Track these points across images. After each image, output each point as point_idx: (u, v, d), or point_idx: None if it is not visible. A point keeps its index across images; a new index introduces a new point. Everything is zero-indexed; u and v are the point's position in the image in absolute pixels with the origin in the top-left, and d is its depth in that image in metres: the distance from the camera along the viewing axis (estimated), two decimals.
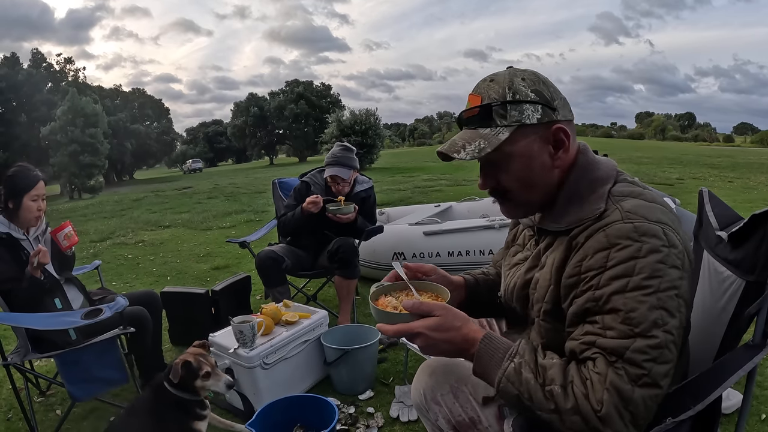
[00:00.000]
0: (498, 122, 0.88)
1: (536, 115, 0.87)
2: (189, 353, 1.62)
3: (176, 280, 4.42)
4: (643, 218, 0.80)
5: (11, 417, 2.22)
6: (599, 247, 0.80)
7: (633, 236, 0.78)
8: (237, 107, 50.87)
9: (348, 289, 2.74)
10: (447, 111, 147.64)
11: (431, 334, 0.84)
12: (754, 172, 12.81)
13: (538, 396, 0.78)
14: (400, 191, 10.03)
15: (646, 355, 0.74)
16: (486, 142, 0.88)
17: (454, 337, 0.85)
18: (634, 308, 0.75)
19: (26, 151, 30.52)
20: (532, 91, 0.88)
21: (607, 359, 0.75)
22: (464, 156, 0.88)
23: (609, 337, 0.76)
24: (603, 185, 0.88)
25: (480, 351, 0.84)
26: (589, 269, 0.80)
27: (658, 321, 0.74)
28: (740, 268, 0.95)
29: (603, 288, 0.78)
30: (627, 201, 0.84)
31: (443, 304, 0.88)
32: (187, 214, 8.88)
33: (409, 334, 0.85)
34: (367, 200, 2.95)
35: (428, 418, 1.17)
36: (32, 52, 38.43)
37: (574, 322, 0.83)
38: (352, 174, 2.86)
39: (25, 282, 1.95)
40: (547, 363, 0.80)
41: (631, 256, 0.77)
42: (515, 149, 0.88)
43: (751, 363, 0.82)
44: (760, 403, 1.94)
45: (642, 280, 0.75)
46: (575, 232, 0.85)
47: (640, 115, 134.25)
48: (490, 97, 0.88)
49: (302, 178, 3.02)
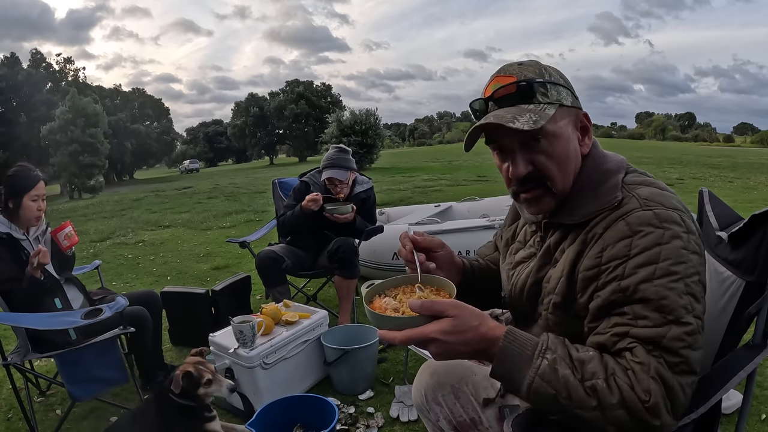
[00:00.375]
0: (540, 99, 0.85)
1: (569, 99, 0.87)
2: (188, 363, 1.63)
3: (176, 280, 4.42)
4: (660, 204, 0.79)
5: (11, 417, 2.22)
6: (621, 235, 0.78)
7: (654, 222, 0.76)
8: (237, 107, 50.88)
9: (348, 289, 2.74)
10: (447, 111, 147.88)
11: (447, 339, 0.74)
12: (754, 172, 12.82)
13: (578, 393, 0.71)
14: (400, 191, 10.03)
15: (683, 342, 0.72)
16: (537, 116, 0.82)
17: (471, 338, 0.75)
18: (665, 296, 0.73)
19: (26, 151, 30.51)
20: (561, 77, 0.89)
21: (646, 348, 0.72)
22: (520, 126, 0.80)
23: (642, 326, 0.73)
24: (614, 175, 0.87)
25: (503, 350, 0.75)
26: (612, 259, 0.78)
27: (687, 307, 0.73)
28: (740, 268, 0.95)
29: (629, 277, 0.75)
30: (642, 189, 0.82)
31: (456, 302, 0.77)
32: (187, 214, 8.88)
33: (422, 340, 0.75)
34: (367, 201, 2.95)
35: (429, 419, 1.17)
36: (31, 52, 38.46)
37: (598, 315, 0.79)
38: (350, 175, 2.85)
39: (25, 282, 1.95)
40: (584, 356, 0.74)
41: (655, 242, 0.75)
42: (557, 129, 0.85)
43: (752, 364, 0.82)
44: (760, 403, 1.94)
45: (669, 266, 0.74)
46: (592, 224, 0.83)
47: (640, 115, 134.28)
48: (527, 76, 0.85)
49: (302, 178, 3.02)
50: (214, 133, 64.49)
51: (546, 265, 0.92)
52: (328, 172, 2.80)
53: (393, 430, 1.93)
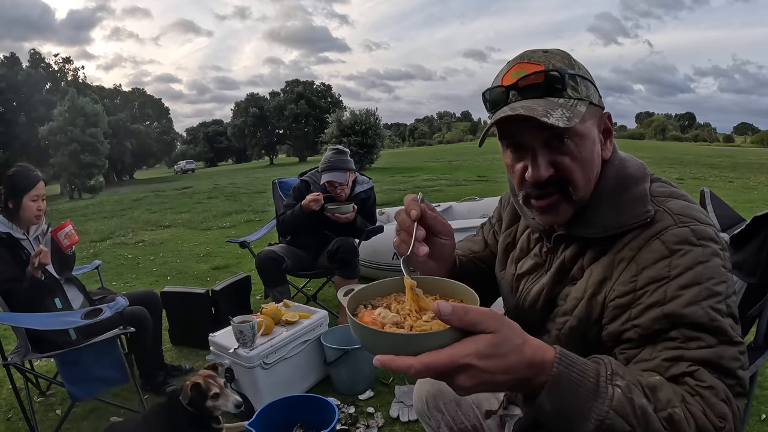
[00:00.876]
0: (570, 94, 0.74)
1: (596, 96, 0.78)
2: (199, 375, 1.69)
3: (176, 280, 4.42)
4: (696, 220, 0.72)
5: (11, 417, 2.22)
6: (658, 256, 0.70)
7: (692, 240, 0.70)
8: (237, 107, 50.90)
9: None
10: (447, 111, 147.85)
11: (484, 365, 0.53)
12: (754, 172, 12.82)
13: (655, 426, 0.59)
14: (400, 191, 10.03)
15: (738, 362, 0.66)
16: (570, 112, 0.72)
17: (515, 364, 0.55)
18: (714, 317, 0.66)
19: (26, 151, 30.52)
20: (587, 72, 0.79)
21: (709, 371, 0.65)
22: (555, 121, 0.69)
23: (695, 348, 0.66)
24: (638, 184, 0.78)
25: (559, 377, 0.57)
26: (650, 282, 0.70)
27: (733, 327, 0.68)
28: (742, 270, 0.94)
29: (673, 301, 0.68)
30: (672, 202, 0.75)
31: (494, 312, 0.56)
32: (187, 214, 8.88)
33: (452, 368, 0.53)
34: (367, 201, 2.94)
35: (430, 425, 1.16)
36: (30, 52, 38.48)
37: (638, 344, 0.70)
38: (349, 176, 2.84)
39: (25, 282, 1.95)
40: (654, 381, 0.63)
41: (696, 261, 0.69)
42: (584, 128, 0.75)
43: (754, 366, 0.82)
44: (760, 403, 1.94)
45: (713, 286, 0.68)
46: (619, 245, 0.75)
47: (640, 115, 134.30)
48: (555, 66, 0.74)
49: (302, 177, 3.02)
50: (214, 133, 64.51)
51: (561, 282, 0.83)
52: (327, 176, 2.79)
53: (393, 430, 1.93)
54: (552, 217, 0.80)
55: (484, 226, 1.14)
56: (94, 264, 2.75)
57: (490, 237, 1.11)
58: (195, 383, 1.63)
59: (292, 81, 50.41)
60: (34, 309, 1.97)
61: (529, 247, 0.94)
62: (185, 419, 1.62)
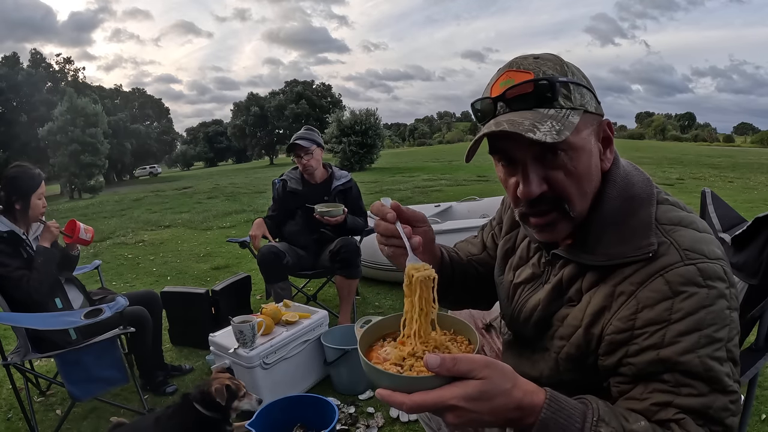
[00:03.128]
0: (562, 103, 0.69)
1: (593, 103, 0.72)
2: (222, 378, 1.69)
3: (176, 280, 4.42)
4: (704, 257, 0.68)
5: (11, 417, 2.22)
6: (660, 297, 0.67)
7: (698, 281, 0.66)
8: (237, 107, 50.91)
9: (349, 289, 2.74)
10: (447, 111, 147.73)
11: (471, 407, 0.58)
12: (755, 172, 12.81)
13: None
14: (401, 191, 10.03)
15: (728, 412, 0.66)
16: (560, 124, 0.67)
17: (502, 405, 0.59)
18: (710, 367, 0.65)
19: (26, 151, 30.52)
20: (583, 77, 0.73)
21: (696, 422, 0.65)
22: (541, 137, 0.65)
23: (686, 395, 0.65)
24: (643, 207, 0.74)
25: (546, 421, 0.61)
26: (649, 324, 0.67)
27: (730, 374, 0.66)
28: (743, 271, 0.94)
29: (670, 347, 0.66)
30: (680, 233, 0.71)
31: (486, 359, 0.60)
32: (187, 214, 8.88)
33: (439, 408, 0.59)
34: (349, 192, 2.94)
35: (430, 426, 1.15)
36: (31, 51, 38.49)
37: (631, 380, 0.70)
38: (316, 149, 2.87)
39: (38, 258, 2.00)
40: (639, 428, 0.64)
41: (699, 306, 0.66)
42: (579, 140, 0.70)
43: (755, 368, 0.82)
44: (760, 403, 1.94)
45: (713, 333, 0.65)
46: (620, 276, 0.71)
47: (640, 115, 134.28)
48: (546, 74, 0.70)
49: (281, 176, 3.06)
50: (214, 133, 64.46)
51: (557, 301, 0.81)
52: (293, 141, 2.85)
53: (393, 430, 1.93)
54: (550, 234, 0.77)
55: (485, 228, 1.13)
56: (94, 264, 2.75)
57: (489, 240, 1.10)
58: (227, 385, 1.64)
59: (292, 81, 50.49)
60: (35, 308, 1.97)
61: (528, 256, 0.91)
62: (198, 421, 1.62)
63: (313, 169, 2.87)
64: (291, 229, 2.90)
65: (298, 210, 2.87)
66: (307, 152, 2.83)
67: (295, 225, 2.89)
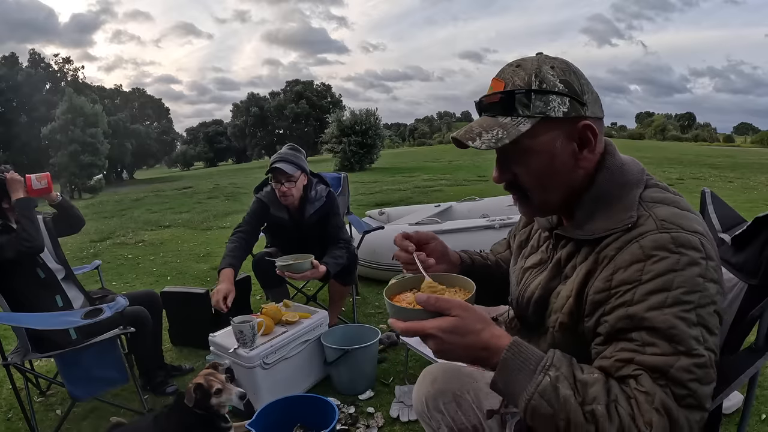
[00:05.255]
0: (520, 112, 0.79)
1: (563, 108, 0.79)
2: (200, 375, 1.69)
3: (176, 280, 4.42)
4: (680, 228, 0.73)
5: (11, 417, 2.22)
6: (633, 259, 0.73)
7: (670, 247, 0.71)
8: (237, 107, 50.96)
9: (341, 294, 2.74)
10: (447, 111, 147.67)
11: (445, 337, 0.72)
12: (755, 172, 12.81)
13: (577, 417, 0.67)
14: (401, 191, 10.03)
15: (692, 375, 0.67)
16: (504, 132, 0.79)
17: (472, 343, 0.73)
18: (674, 325, 0.68)
19: (26, 150, 30.54)
20: (561, 81, 0.79)
21: (651, 376, 0.68)
22: (478, 145, 0.79)
23: (650, 354, 0.69)
24: (632, 190, 0.81)
25: (505, 361, 0.72)
26: (622, 283, 0.73)
27: (699, 338, 0.68)
28: (743, 271, 0.94)
29: (638, 304, 0.71)
30: (660, 208, 0.77)
31: (463, 303, 0.74)
32: (187, 214, 8.88)
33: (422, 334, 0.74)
34: (326, 220, 2.57)
35: (430, 425, 1.16)
36: (30, 51, 38.53)
37: (605, 340, 0.75)
38: (300, 175, 2.49)
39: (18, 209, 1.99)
40: (588, 378, 0.70)
41: (669, 269, 0.70)
42: (536, 144, 0.80)
43: (754, 368, 0.82)
44: (760, 403, 1.94)
45: (681, 295, 0.69)
46: (604, 244, 0.78)
47: (640, 115, 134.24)
48: (515, 84, 0.80)
49: (257, 194, 2.69)
50: (214, 133, 64.47)
51: (556, 279, 0.88)
52: (275, 165, 2.45)
53: (393, 430, 1.93)
54: (523, 211, 0.92)
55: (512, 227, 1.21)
56: (94, 264, 2.75)
57: (512, 238, 1.18)
58: (197, 384, 1.64)
59: (292, 81, 50.55)
60: (36, 305, 1.98)
61: (539, 244, 1.00)
62: (195, 420, 1.62)
63: (293, 198, 2.51)
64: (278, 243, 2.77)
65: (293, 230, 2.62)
66: (289, 179, 2.46)
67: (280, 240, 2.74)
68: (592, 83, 0.83)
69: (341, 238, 2.61)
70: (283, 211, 2.59)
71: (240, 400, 1.69)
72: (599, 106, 0.84)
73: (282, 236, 2.72)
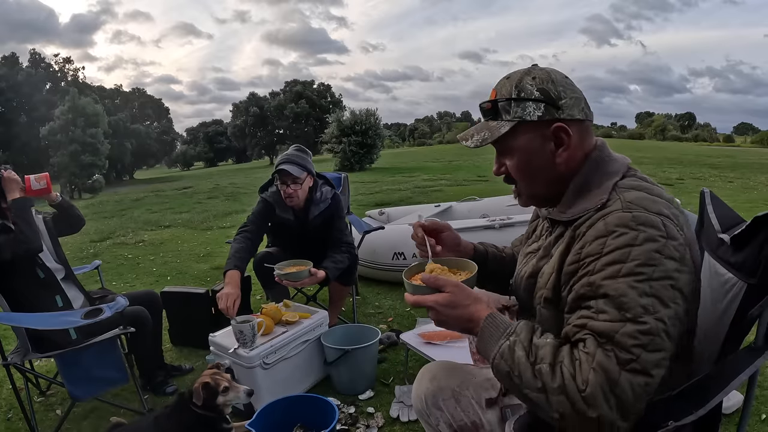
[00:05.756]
0: (503, 117, 0.94)
1: (537, 113, 0.91)
2: (205, 375, 1.70)
3: (176, 280, 4.42)
4: (643, 209, 0.81)
5: (11, 417, 2.22)
6: (597, 234, 0.82)
7: (630, 224, 0.79)
8: (237, 107, 50.90)
9: (341, 295, 2.74)
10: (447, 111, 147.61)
11: (441, 310, 0.88)
12: (755, 172, 12.80)
13: (527, 374, 0.79)
14: (401, 191, 10.02)
15: (636, 340, 0.73)
16: (489, 133, 0.95)
17: (461, 315, 0.88)
18: (624, 293, 0.75)
19: (26, 150, 30.54)
20: (538, 90, 0.91)
21: (597, 340, 0.75)
22: (470, 144, 0.97)
23: (601, 320, 0.76)
24: (610, 178, 0.90)
25: (483, 329, 0.86)
26: (587, 255, 0.82)
27: (648, 308, 0.75)
28: (742, 270, 0.94)
29: (597, 273, 0.79)
30: (630, 192, 0.86)
31: (455, 282, 0.90)
32: (187, 214, 8.88)
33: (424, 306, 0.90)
34: (331, 222, 2.57)
35: (429, 423, 1.16)
36: (30, 51, 38.53)
37: (571, 308, 0.84)
38: (306, 177, 2.47)
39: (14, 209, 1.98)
40: (540, 342, 0.81)
41: (626, 244, 0.78)
42: (517, 143, 0.94)
43: (753, 367, 0.82)
44: (760, 403, 1.94)
45: (635, 267, 0.76)
46: (578, 223, 0.88)
47: (640, 115, 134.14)
48: (501, 94, 0.95)
49: (263, 194, 2.67)
50: (214, 133, 64.44)
51: (545, 258, 0.97)
52: (281, 167, 2.44)
53: (393, 430, 1.93)
54: (521, 202, 1.02)
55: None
56: (94, 264, 2.75)
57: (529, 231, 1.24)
58: (204, 383, 1.64)
59: (293, 81, 50.50)
60: (36, 305, 1.98)
61: (541, 232, 1.08)
62: (195, 421, 1.62)
63: (298, 200, 2.49)
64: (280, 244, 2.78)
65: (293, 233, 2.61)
66: (295, 181, 2.43)
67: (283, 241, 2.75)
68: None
69: (344, 241, 2.60)
70: (288, 212, 2.57)
71: (248, 397, 1.70)
72: (580, 108, 0.93)
73: (285, 237, 2.72)
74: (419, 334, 2.10)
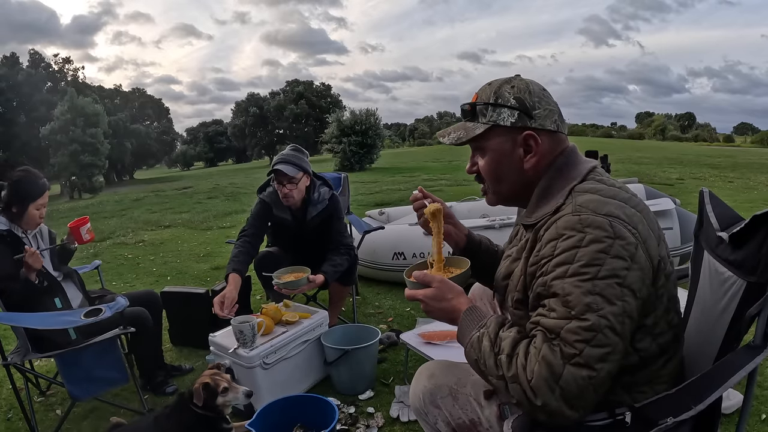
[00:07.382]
0: (480, 119, 1.01)
1: (511, 119, 0.98)
2: (205, 375, 1.70)
3: (176, 280, 4.42)
4: (590, 211, 0.86)
5: (11, 417, 2.22)
6: (550, 237, 0.88)
7: (577, 227, 0.85)
8: (237, 107, 50.88)
9: (341, 295, 2.74)
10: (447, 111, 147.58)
11: (428, 302, 1.00)
12: (755, 172, 12.79)
13: (490, 362, 0.88)
14: (401, 191, 10.02)
15: (578, 336, 0.79)
16: (465, 133, 1.03)
17: (445, 307, 0.99)
18: (570, 292, 0.81)
19: (26, 150, 30.55)
20: (515, 98, 0.98)
21: (546, 336, 0.83)
22: (446, 141, 1.06)
23: (550, 318, 0.83)
24: (569, 183, 0.95)
25: (461, 320, 0.97)
26: (542, 258, 0.88)
27: (592, 305, 0.79)
28: (741, 269, 0.94)
29: (549, 274, 0.85)
30: (582, 196, 0.90)
31: (441, 277, 1.01)
32: (187, 214, 8.87)
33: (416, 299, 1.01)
34: (330, 222, 2.56)
35: (427, 422, 1.17)
36: (30, 52, 38.49)
37: (532, 306, 0.91)
38: (302, 176, 2.46)
39: (19, 283, 1.95)
40: (504, 335, 0.90)
41: (573, 246, 0.84)
42: (489, 144, 1.02)
43: (752, 364, 0.82)
44: (760, 403, 1.94)
45: (579, 267, 0.81)
46: (539, 227, 0.94)
47: (640, 115, 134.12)
48: (482, 98, 1.02)
49: (260, 194, 2.67)
50: (214, 133, 64.38)
51: (516, 262, 1.03)
52: (277, 167, 2.42)
53: (393, 430, 1.93)
54: (488, 200, 1.10)
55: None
56: (94, 264, 2.75)
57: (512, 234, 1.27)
58: (204, 383, 1.64)
59: (292, 81, 50.45)
60: (34, 309, 1.97)
61: (520, 236, 1.12)
62: (195, 421, 1.63)
63: (294, 199, 2.48)
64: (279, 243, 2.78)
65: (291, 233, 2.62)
66: (291, 181, 2.43)
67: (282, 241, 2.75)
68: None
69: (343, 243, 2.59)
70: (285, 211, 2.57)
71: (247, 398, 1.70)
72: (553, 120, 0.99)
73: (284, 237, 2.73)
74: (419, 334, 2.10)
